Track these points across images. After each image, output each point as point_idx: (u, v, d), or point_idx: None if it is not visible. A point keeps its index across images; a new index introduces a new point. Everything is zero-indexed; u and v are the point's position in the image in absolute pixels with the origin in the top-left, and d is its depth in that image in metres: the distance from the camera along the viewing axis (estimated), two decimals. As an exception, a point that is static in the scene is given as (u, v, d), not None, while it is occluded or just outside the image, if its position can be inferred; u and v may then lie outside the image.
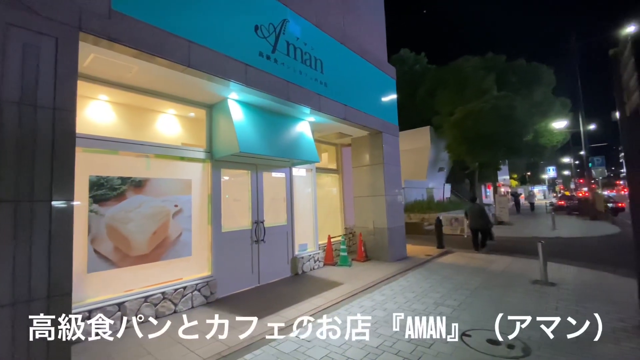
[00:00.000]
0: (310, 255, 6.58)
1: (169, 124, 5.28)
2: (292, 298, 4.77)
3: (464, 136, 18.61)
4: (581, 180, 27.28)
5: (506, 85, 21.08)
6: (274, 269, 5.89)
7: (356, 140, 8.06)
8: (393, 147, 8.04)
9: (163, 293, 4.23)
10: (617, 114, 3.75)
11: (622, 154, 4.00)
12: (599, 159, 19.58)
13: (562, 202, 22.92)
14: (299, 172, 6.82)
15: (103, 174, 3.94)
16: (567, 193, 33.28)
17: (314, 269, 6.62)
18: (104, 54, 3.40)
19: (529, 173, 45.09)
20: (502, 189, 31.74)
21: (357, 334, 3.50)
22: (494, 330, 3.50)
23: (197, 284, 4.61)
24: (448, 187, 25.42)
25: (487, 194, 28.66)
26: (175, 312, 4.30)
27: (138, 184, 4.23)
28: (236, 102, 4.89)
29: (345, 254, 7.01)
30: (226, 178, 5.50)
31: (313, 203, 6.99)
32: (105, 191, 3.93)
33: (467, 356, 3.02)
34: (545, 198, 48.32)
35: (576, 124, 20.26)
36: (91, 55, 3.41)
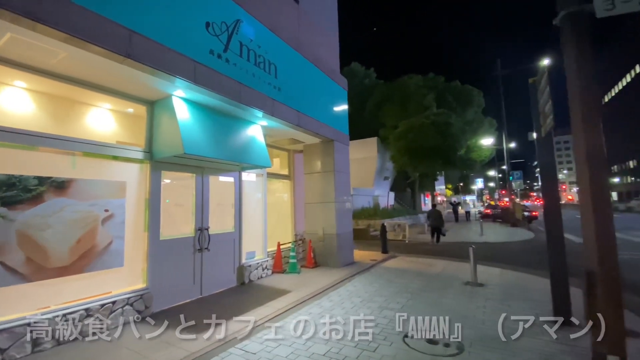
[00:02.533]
0: (258, 263, 6.39)
1: (103, 120, 4.74)
2: (237, 309, 4.55)
3: (407, 148, 19.95)
4: (503, 191, 30.96)
5: (444, 103, 23.17)
6: (218, 279, 5.58)
7: (308, 147, 8.11)
8: (344, 155, 8.25)
9: (87, 309, 3.72)
10: (534, 135, 4.33)
11: (538, 169, 4.61)
12: (517, 173, 22.44)
13: (488, 211, 25.64)
14: (249, 177, 6.62)
15: (15, 173, 3.37)
16: (492, 202, 37.45)
17: (261, 277, 6.43)
18: (24, 35, 2.94)
19: (461, 184, 49.87)
20: (439, 198, 34.55)
21: (304, 343, 3.46)
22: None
23: (129, 298, 4.16)
24: (392, 195, 26.88)
25: (425, 202, 30.90)
26: (101, 330, 3.81)
27: (60, 185, 3.71)
28: (182, 100, 4.59)
29: (295, 260, 6.94)
30: (167, 181, 5.10)
31: (263, 209, 6.83)
32: (16, 192, 3.37)
33: (408, 357, 3.16)
34: (474, 207, 53.80)
35: (500, 142, 23.05)
36: (7, 34, 2.93)
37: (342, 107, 8.44)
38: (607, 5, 2.64)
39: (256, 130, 5.90)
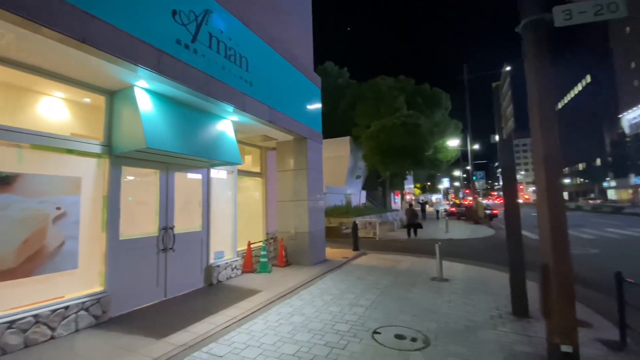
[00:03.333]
0: (227, 263, 6.20)
1: (56, 110, 4.34)
2: (204, 311, 4.38)
3: (379, 148, 20.37)
4: (467, 191, 32.58)
5: (414, 105, 23.90)
6: (184, 280, 5.35)
7: (281, 145, 8.00)
8: (317, 153, 8.23)
9: (36, 316, 3.40)
10: (496, 137, 4.56)
11: (499, 170, 4.86)
12: (480, 174, 23.70)
13: (454, 209, 26.88)
14: (218, 174, 6.40)
15: (-54, 166, 2.99)
16: (457, 201, 39.28)
17: (231, 277, 6.25)
18: (-45, 10, 2.60)
19: (429, 183, 51.85)
20: (408, 197, 35.68)
21: (274, 344, 3.40)
22: (400, 326, 3.83)
23: (84, 302, 3.86)
24: (364, 193, 27.35)
25: (395, 201, 31.76)
26: (52, 337, 3.50)
27: (4, 181, 3.35)
28: (145, 91, 4.31)
29: (266, 260, 6.82)
30: (130, 178, 4.79)
31: (233, 207, 6.63)
32: (-53, 188, 2.99)
33: (377, 353, 3.21)
34: (440, 205, 56.18)
35: (465, 143, 24.19)
36: None
37: (316, 105, 8.41)
38: (565, 15, 2.82)
39: (226, 125, 5.71)
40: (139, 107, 4.10)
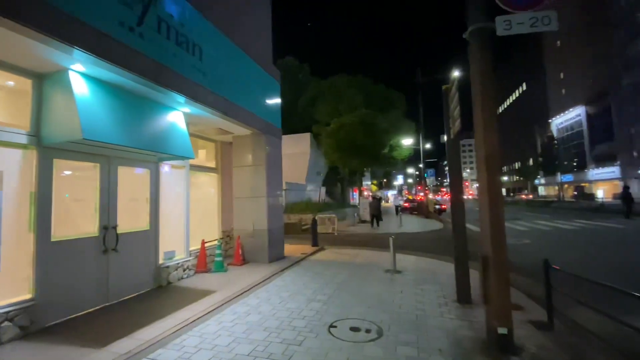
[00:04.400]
0: (178, 264, 5.87)
1: (-34, 92, 3.74)
2: (152, 315, 4.10)
3: (338, 145, 20.69)
4: (419, 187, 34.53)
5: (371, 104, 24.61)
6: (130, 283, 4.96)
7: (238, 139, 7.73)
8: (276, 149, 8.10)
9: (-61, 333, 2.92)
10: (445, 137, 4.85)
11: (447, 167, 5.18)
12: (431, 171, 25.28)
13: (407, 204, 28.31)
14: (168, 169, 6.01)
15: None
16: (410, 197, 41.43)
17: (183, 278, 5.93)
18: None
19: (385, 180, 53.98)
20: (365, 193, 36.80)
21: (228, 345, 3.29)
22: (355, 318, 3.93)
23: (8, 312, 3.40)
24: (324, 189, 27.63)
25: (354, 197, 32.58)
26: (-38, 357, 3.03)
27: None
28: (82, 76, 3.88)
29: (221, 259, 6.58)
30: (67, 172, 4.31)
31: (185, 204, 6.28)
32: None
33: (332, 347, 3.25)
34: (393, 201, 58.90)
35: (418, 143, 25.54)
36: None
37: (275, 100, 8.26)
38: (506, 25, 3.06)
39: (178, 117, 5.37)
40: (75, 93, 3.68)
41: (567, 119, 50.45)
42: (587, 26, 45.25)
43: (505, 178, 72.76)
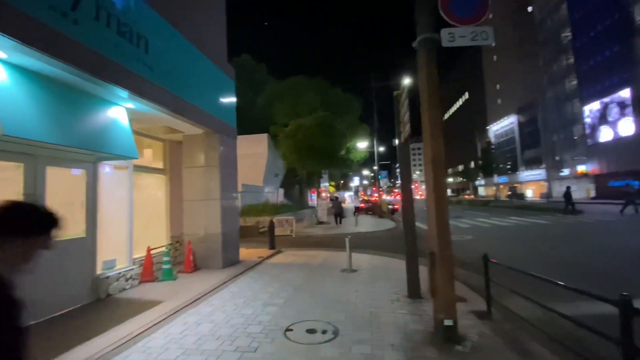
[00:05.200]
0: (120, 273, 5.38)
1: None
2: (88, 331, 3.70)
3: (296, 146, 20.66)
4: (374, 188, 35.86)
5: (329, 107, 25.00)
6: (61, 297, 4.42)
7: (189, 138, 7.32)
8: (230, 149, 7.83)
9: None
10: (397, 141, 5.08)
11: (398, 170, 5.43)
12: (384, 173, 26.42)
13: (363, 205, 29.23)
14: (110, 169, 5.50)
15: None
16: (366, 198, 42.83)
17: (125, 289, 5.44)
18: None
19: (342, 181, 55.17)
20: (323, 194, 37.25)
21: (176, 358, 3.08)
22: (312, 320, 3.93)
23: None
24: (282, 191, 27.38)
25: (312, 198, 32.78)
26: None
27: None
28: (3, 64, 3.38)
29: (169, 266, 6.17)
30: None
31: (128, 209, 5.78)
32: None
33: (289, 351, 3.21)
34: (352, 202, 60.48)
35: (373, 146, 26.51)
36: None
37: (230, 98, 7.99)
38: (450, 37, 3.29)
39: (119, 113, 4.93)
40: (-11, 82, 3.19)
41: (503, 126, 56.16)
42: (519, 43, 50.84)
43: (450, 179, 78.74)
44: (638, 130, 28.17)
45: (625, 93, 29.70)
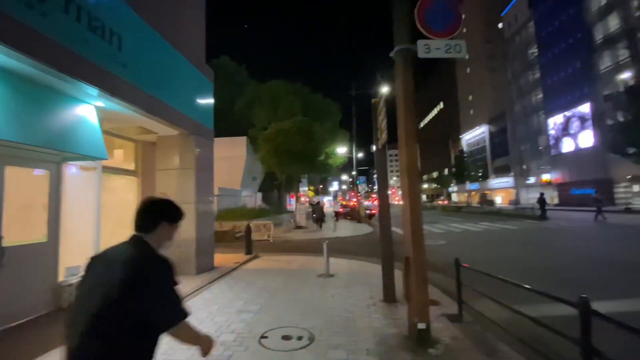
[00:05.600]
0: (85, 279, 5.07)
1: None
2: (46, 344, 3.44)
3: (275, 150, 20.53)
4: (353, 193, 36.25)
5: (309, 112, 25.13)
6: (19, 306, 4.11)
7: (164, 140, 7.09)
8: (207, 151, 7.65)
9: None
10: (374, 147, 5.17)
11: (375, 175, 5.52)
12: (362, 178, 26.86)
13: (341, 210, 29.43)
14: (76, 170, 5.21)
15: None
16: (344, 202, 43.15)
17: (90, 296, 5.14)
18: None
19: (321, 186, 55.31)
20: (302, 198, 37.17)
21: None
22: (287, 327, 3.89)
23: None
24: (260, 195, 27.03)
25: (291, 203, 32.60)
26: None
27: None
28: (-45, 55, 3.14)
29: (140, 271, 5.89)
30: None
31: (95, 212, 5.49)
32: None
33: (263, 358, 3.16)
34: (330, 206, 60.77)
35: (352, 151, 26.86)
36: None
37: (207, 100, 7.83)
38: (425, 48, 3.41)
39: (88, 111, 4.69)
40: (-60, 73, 2.95)
41: (475, 135, 58.69)
42: (490, 57, 53.60)
43: (425, 185, 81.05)
44: (596, 142, 30.34)
45: (585, 108, 31.97)
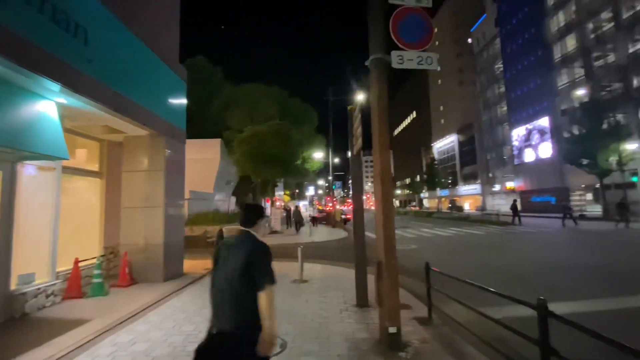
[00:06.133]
0: (39, 289, 4.71)
1: None
2: (-8, 359, 3.16)
3: (251, 153, 20.22)
4: (329, 198, 36.42)
5: (286, 116, 25.04)
6: (-43, 320, 3.72)
7: (132, 140, 6.77)
8: (178, 153, 7.40)
9: None
10: (349, 153, 5.24)
11: (350, 181, 5.59)
12: (338, 183, 27.14)
13: (317, 215, 29.46)
14: (33, 170, 4.85)
15: None
16: (320, 207, 43.25)
17: (45, 307, 4.77)
18: None
19: (297, 190, 55.11)
20: (278, 203, 36.83)
21: (104, 383, 2.76)
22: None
23: None
24: (233, 199, 26.45)
25: (266, 207, 32.20)
26: None
27: None
28: None
29: (100, 280, 5.56)
30: None
31: (53, 215, 5.10)
32: None
33: (234, 367, 3.06)
34: (307, 211, 60.66)
35: (328, 156, 27.05)
36: None
37: (180, 100, 7.60)
38: (399, 59, 3.53)
39: (49, 108, 4.40)
40: None
41: (445, 144, 61.16)
42: (460, 70, 56.37)
43: (398, 191, 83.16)
44: (554, 153, 32.59)
45: (545, 121, 34.31)
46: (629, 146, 21.46)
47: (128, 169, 6.76)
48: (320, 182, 58.67)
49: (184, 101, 7.81)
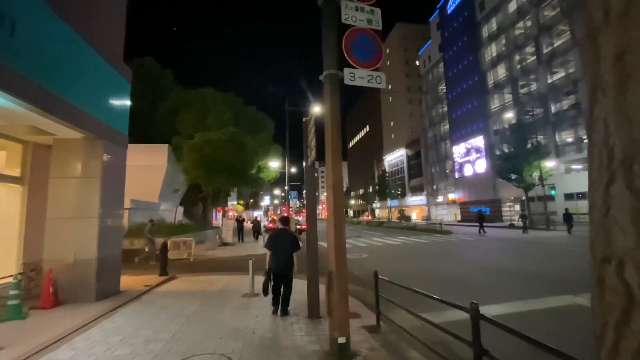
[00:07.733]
0: None
1: None
2: None
3: (202, 161, 19.31)
4: (285, 208, 36.08)
5: (241, 123, 24.48)
6: None
7: (63, 143, 6.07)
8: (118, 158, 6.81)
9: None
10: (304, 163, 5.29)
11: (305, 191, 5.62)
12: (294, 193, 26.91)
13: (272, 225, 28.96)
14: None
15: None
16: (275, 218, 42.58)
17: (-64, 337, 3.99)
18: None
19: (252, 200, 53.74)
20: (230, 213, 35.50)
21: None
22: (204, 354, 3.59)
23: None
24: (181, 209, 24.89)
25: (217, 217, 30.77)
26: None
27: None
28: None
29: (17, 301, 4.82)
30: None
31: (-45, 227, 4.36)
32: None
33: (174, 392, 2.83)
34: (261, 220, 59.28)
35: (284, 166, 26.93)
36: None
37: (122, 102, 7.05)
38: (351, 76, 3.68)
39: (-45, 103, 3.79)
40: None
41: (395, 157, 64.76)
42: (408, 89, 60.55)
43: (352, 201, 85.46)
44: (488, 168, 36.19)
45: (480, 141, 38.08)
46: (548, 163, 24.77)
47: (57, 175, 6.03)
48: (277, 191, 58.01)
49: (127, 103, 7.26)
